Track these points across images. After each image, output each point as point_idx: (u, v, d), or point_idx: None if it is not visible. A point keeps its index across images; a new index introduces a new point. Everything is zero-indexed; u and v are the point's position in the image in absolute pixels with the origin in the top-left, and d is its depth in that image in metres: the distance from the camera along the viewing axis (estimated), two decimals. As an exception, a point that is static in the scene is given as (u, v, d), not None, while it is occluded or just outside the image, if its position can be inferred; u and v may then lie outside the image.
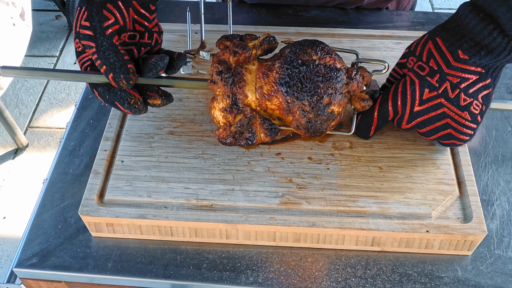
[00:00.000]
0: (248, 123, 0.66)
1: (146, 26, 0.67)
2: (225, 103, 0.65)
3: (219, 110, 0.66)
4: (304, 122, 0.65)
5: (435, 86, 0.64)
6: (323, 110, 0.64)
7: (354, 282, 0.64)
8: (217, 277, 0.65)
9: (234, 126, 0.66)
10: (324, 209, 0.66)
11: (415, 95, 0.65)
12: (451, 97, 0.64)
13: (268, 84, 0.65)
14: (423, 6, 2.74)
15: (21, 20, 1.62)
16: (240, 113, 0.66)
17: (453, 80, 0.63)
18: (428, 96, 0.65)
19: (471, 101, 0.64)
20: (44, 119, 2.23)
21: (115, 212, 0.65)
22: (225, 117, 0.66)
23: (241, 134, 0.67)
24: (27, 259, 0.67)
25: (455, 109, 0.64)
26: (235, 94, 0.65)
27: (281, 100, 0.65)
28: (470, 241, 0.64)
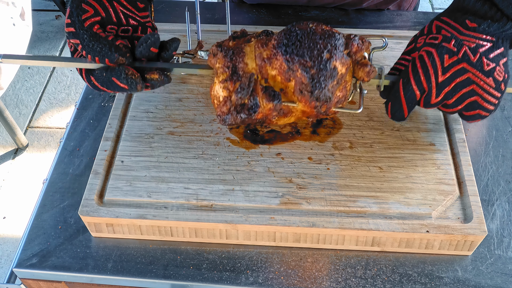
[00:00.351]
0: (248, 85, 0.63)
1: (139, 21, 0.67)
2: (225, 74, 0.63)
3: (219, 83, 0.64)
4: (307, 80, 0.62)
5: (453, 50, 0.62)
6: (325, 64, 0.61)
7: (354, 282, 0.64)
8: (217, 277, 0.65)
9: (235, 93, 0.63)
10: (324, 209, 0.65)
11: (436, 65, 0.63)
12: (473, 62, 0.62)
13: (268, 49, 0.63)
14: (423, 6, 2.74)
15: (21, 20, 1.62)
16: (240, 80, 0.63)
17: (470, 45, 0.62)
18: (450, 62, 0.63)
19: (494, 66, 0.62)
20: (44, 119, 2.23)
21: (115, 212, 0.65)
22: (226, 88, 0.63)
23: (242, 105, 0.63)
24: (27, 259, 0.67)
25: (479, 74, 0.62)
26: (235, 64, 0.63)
27: (281, 60, 0.62)
28: (470, 241, 0.64)
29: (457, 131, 0.73)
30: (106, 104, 0.85)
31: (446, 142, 0.72)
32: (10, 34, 1.57)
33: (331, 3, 1.00)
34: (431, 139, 0.73)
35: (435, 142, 0.72)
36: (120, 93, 0.79)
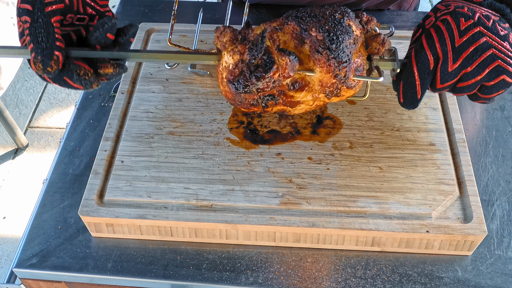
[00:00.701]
0: (261, 41, 0.57)
1: (98, 10, 0.64)
2: (236, 43, 0.59)
3: (228, 53, 0.59)
4: (322, 36, 0.58)
5: (468, 15, 0.60)
6: (340, 21, 0.59)
7: (354, 282, 0.64)
8: (217, 277, 0.65)
9: (248, 51, 0.57)
10: (324, 209, 0.65)
11: (452, 28, 0.60)
12: (489, 26, 0.60)
13: (278, 21, 0.61)
14: (423, 6, 2.74)
15: (21, 20, 1.62)
16: (251, 42, 0.59)
17: (482, 12, 0.61)
18: (466, 25, 0.60)
19: (508, 32, 0.60)
20: (44, 119, 2.23)
21: (115, 212, 0.65)
22: (236, 52, 0.58)
23: (256, 67, 0.58)
24: (27, 259, 0.67)
25: (496, 38, 0.60)
26: (244, 35, 0.59)
27: (293, 24, 0.60)
28: (470, 241, 0.64)
29: (457, 131, 0.73)
30: (106, 104, 0.85)
31: (446, 142, 0.72)
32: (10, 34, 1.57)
33: (330, 5, 1.00)
34: (431, 139, 0.73)
35: (435, 142, 0.72)
36: (119, 93, 0.79)
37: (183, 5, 1.01)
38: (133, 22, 0.98)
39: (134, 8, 1.03)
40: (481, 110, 0.83)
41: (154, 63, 0.70)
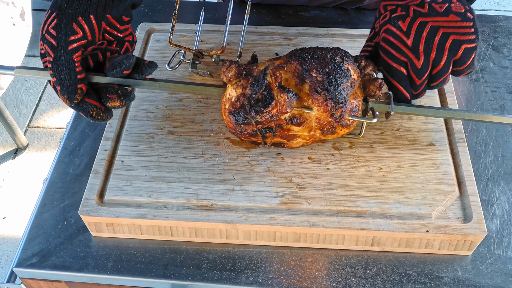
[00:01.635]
0: (263, 77, 0.63)
1: (116, 36, 0.66)
2: (240, 78, 0.64)
3: (231, 86, 0.64)
4: (322, 77, 0.63)
5: (403, 15, 0.65)
6: (339, 65, 0.64)
7: (354, 282, 0.64)
8: (217, 277, 0.65)
9: (250, 86, 0.62)
10: (324, 209, 0.66)
11: (397, 34, 0.65)
12: (425, 12, 0.64)
13: (281, 59, 0.65)
14: (423, 6, 2.74)
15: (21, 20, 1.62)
16: (253, 78, 0.64)
17: (415, 2, 0.65)
18: (406, 25, 0.64)
19: (447, 5, 0.64)
20: (44, 119, 2.23)
21: (115, 212, 0.65)
22: (239, 86, 0.63)
23: (256, 101, 0.63)
24: (27, 259, 0.67)
25: (438, 18, 0.64)
26: (248, 70, 0.64)
27: (295, 64, 0.64)
28: (470, 241, 0.64)
29: (457, 131, 0.73)
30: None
31: (446, 142, 0.73)
32: (10, 34, 1.57)
33: (331, 2, 1.00)
34: (431, 139, 0.73)
35: (435, 142, 0.72)
36: None
37: (183, 5, 1.02)
38: (133, 22, 0.98)
39: (134, 8, 1.03)
40: (481, 110, 0.83)
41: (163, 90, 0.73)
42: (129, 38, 0.68)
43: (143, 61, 0.67)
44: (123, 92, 0.65)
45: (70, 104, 0.63)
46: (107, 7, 0.64)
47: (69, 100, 0.63)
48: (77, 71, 0.62)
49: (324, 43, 0.87)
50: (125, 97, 0.65)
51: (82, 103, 0.64)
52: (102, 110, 0.65)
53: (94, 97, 0.65)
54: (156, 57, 0.85)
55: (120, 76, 0.64)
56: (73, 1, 0.62)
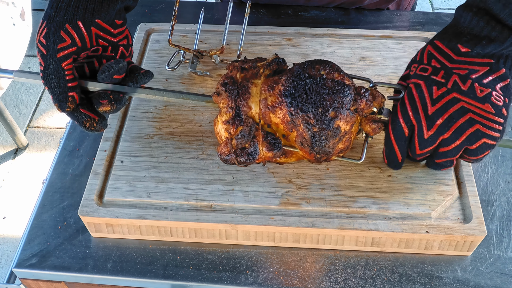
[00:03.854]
0: (249, 133, 0.63)
1: (110, 41, 0.66)
2: (228, 115, 0.63)
3: (221, 123, 0.64)
4: (308, 136, 0.61)
5: (442, 82, 0.60)
6: (328, 124, 0.60)
7: (353, 282, 0.64)
8: (216, 277, 0.65)
9: (236, 138, 0.63)
10: (324, 210, 0.65)
11: (424, 97, 0.60)
12: (464, 90, 0.59)
13: (273, 96, 0.62)
14: (423, 6, 2.74)
15: (21, 20, 1.63)
16: (242, 125, 0.63)
17: (461, 72, 0.60)
18: (439, 94, 0.60)
19: (489, 91, 0.59)
20: (44, 119, 2.23)
21: (115, 212, 0.65)
22: (227, 130, 0.64)
23: (242, 149, 0.64)
24: (27, 259, 0.67)
25: (473, 101, 0.59)
26: (239, 106, 0.63)
27: (285, 111, 0.62)
28: (469, 242, 0.64)
29: (456, 131, 0.73)
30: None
31: (445, 143, 0.72)
32: (10, 34, 1.57)
33: (330, 2, 1.00)
34: (431, 139, 0.73)
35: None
36: None
37: (183, 5, 1.01)
38: (133, 22, 0.98)
39: (134, 8, 1.02)
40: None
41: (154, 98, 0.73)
42: (123, 42, 0.68)
43: (139, 70, 0.66)
44: (115, 97, 0.65)
45: (62, 111, 0.63)
46: (96, 12, 0.63)
47: (60, 108, 0.63)
48: (67, 79, 0.62)
49: (324, 43, 0.87)
50: (116, 102, 0.65)
51: (76, 112, 0.64)
52: (96, 121, 0.65)
53: (89, 107, 0.65)
54: (156, 57, 0.85)
55: (112, 82, 0.64)
56: (60, 9, 0.62)
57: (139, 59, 0.85)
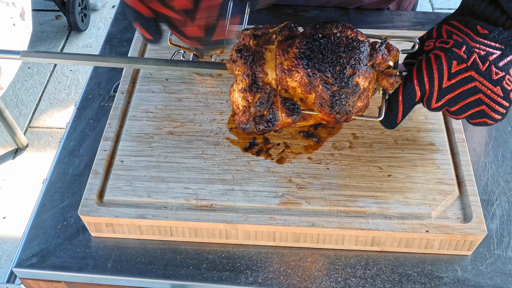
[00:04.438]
0: (267, 100, 0.62)
1: None
2: (245, 83, 0.62)
3: (238, 92, 0.63)
4: (328, 96, 0.60)
5: (463, 57, 0.61)
6: (347, 81, 0.59)
7: (354, 282, 0.64)
8: (216, 277, 0.65)
9: (254, 105, 0.62)
10: (324, 209, 0.65)
11: (443, 69, 0.61)
12: (482, 70, 0.60)
13: (288, 59, 0.61)
14: (423, 6, 2.74)
15: (21, 20, 1.62)
16: (260, 92, 0.62)
17: (480, 53, 0.61)
18: (457, 69, 0.61)
19: (503, 75, 0.60)
20: (44, 119, 2.23)
21: (115, 212, 0.65)
22: (245, 98, 0.62)
23: (261, 117, 0.63)
24: (27, 259, 0.67)
25: (487, 83, 0.60)
26: (255, 73, 0.62)
27: (302, 74, 0.60)
28: (470, 241, 0.64)
29: (457, 131, 0.73)
30: (106, 104, 0.85)
31: (446, 142, 0.72)
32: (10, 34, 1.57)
33: (330, 2, 1.00)
34: (431, 139, 0.73)
35: (435, 142, 0.72)
36: (119, 93, 0.79)
37: (183, 5, 1.01)
38: (133, 22, 0.98)
39: (134, 8, 1.03)
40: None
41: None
42: None
43: None
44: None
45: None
46: None
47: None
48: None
49: (324, 43, 0.87)
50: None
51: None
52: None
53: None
54: (156, 57, 0.85)
55: None
56: None
57: (139, 59, 0.85)
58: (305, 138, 0.69)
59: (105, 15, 2.76)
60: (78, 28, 2.57)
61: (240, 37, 0.65)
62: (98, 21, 2.72)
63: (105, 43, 0.96)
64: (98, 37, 2.62)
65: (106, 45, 0.95)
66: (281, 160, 0.70)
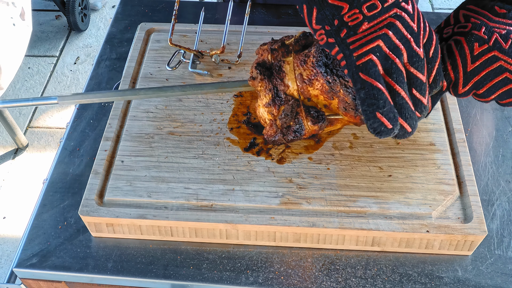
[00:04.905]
0: (291, 111, 0.63)
1: None
2: (268, 97, 0.63)
3: (263, 107, 0.64)
4: (350, 100, 0.61)
5: (484, 38, 0.60)
6: None
7: (354, 282, 0.64)
8: (217, 277, 0.65)
9: (279, 118, 0.63)
10: (324, 209, 0.65)
11: (465, 53, 0.60)
12: (505, 49, 0.59)
13: (307, 69, 0.62)
14: (423, 6, 2.74)
15: (21, 20, 1.62)
16: (283, 104, 0.63)
17: (500, 32, 0.60)
18: (480, 51, 0.60)
19: None
20: (44, 119, 2.23)
21: (115, 212, 0.65)
22: (270, 112, 0.63)
23: (288, 128, 0.64)
24: (27, 259, 0.67)
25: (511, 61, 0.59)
26: (276, 86, 0.63)
27: (322, 81, 0.61)
28: (470, 241, 0.64)
29: (457, 131, 0.73)
30: (106, 104, 0.85)
31: (446, 142, 0.72)
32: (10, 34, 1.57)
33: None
34: (431, 139, 0.73)
35: (435, 142, 0.72)
36: None
37: (183, 5, 1.01)
38: (133, 22, 0.98)
39: (134, 8, 1.03)
40: (481, 110, 0.83)
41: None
42: None
43: None
44: None
45: None
46: None
47: None
48: None
49: (324, 43, 0.87)
50: None
51: None
52: None
53: None
54: (156, 57, 0.85)
55: None
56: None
57: (139, 59, 0.85)
58: (306, 138, 0.69)
59: (105, 15, 2.76)
60: (78, 28, 2.57)
61: (258, 53, 0.66)
62: (98, 21, 2.72)
63: (105, 43, 0.96)
64: (98, 37, 2.62)
65: (106, 45, 0.95)
66: (282, 160, 0.70)
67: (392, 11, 0.52)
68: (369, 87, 0.52)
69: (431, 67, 0.56)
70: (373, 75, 0.52)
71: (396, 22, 0.52)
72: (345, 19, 0.53)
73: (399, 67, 0.53)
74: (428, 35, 0.55)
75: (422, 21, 0.54)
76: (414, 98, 0.55)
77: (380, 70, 0.52)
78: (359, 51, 0.52)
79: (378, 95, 0.52)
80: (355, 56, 0.52)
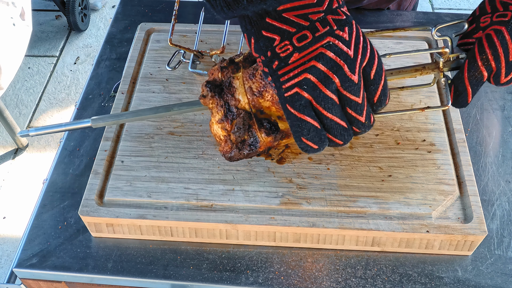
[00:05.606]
0: (243, 123, 0.63)
1: None
2: (220, 113, 0.63)
3: (216, 124, 0.64)
4: None
5: None
6: None
7: (354, 282, 0.64)
8: (217, 277, 0.65)
9: (233, 133, 0.63)
10: (324, 209, 0.65)
11: (507, 43, 0.59)
12: None
13: (256, 82, 0.62)
14: (423, 6, 2.74)
15: (21, 20, 1.63)
16: (235, 118, 0.63)
17: None
18: None
19: None
20: (44, 119, 2.23)
21: (115, 212, 0.65)
22: (223, 128, 0.63)
23: (243, 142, 0.64)
24: (27, 259, 0.67)
25: None
26: (227, 102, 0.63)
27: (271, 92, 0.61)
28: (470, 241, 0.64)
29: (457, 131, 0.73)
30: (106, 104, 0.85)
31: (446, 142, 0.72)
32: (10, 34, 1.57)
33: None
34: (431, 139, 0.73)
35: (435, 142, 0.72)
36: (119, 93, 0.79)
37: (183, 5, 1.01)
38: (133, 22, 0.98)
39: (134, 8, 1.03)
40: (481, 110, 0.83)
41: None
42: None
43: None
44: None
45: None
46: None
47: None
48: None
49: (324, 43, 0.87)
50: None
51: None
52: None
53: None
54: (156, 57, 0.85)
55: None
56: None
57: (139, 59, 0.85)
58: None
59: (105, 15, 2.76)
60: (78, 28, 2.57)
61: (209, 73, 0.66)
62: (98, 21, 2.72)
63: (105, 43, 0.96)
64: (98, 37, 2.62)
65: (106, 45, 0.95)
66: (282, 160, 0.70)
67: (325, 40, 0.52)
68: (294, 118, 0.54)
69: (375, 88, 0.55)
70: (298, 108, 0.53)
71: (326, 52, 0.52)
72: (277, 50, 0.53)
73: (327, 95, 0.53)
74: (368, 59, 0.54)
75: (362, 45, 0.53)
76: (350, 117, 0.55)
77: (307, 99, 0.53)
78: (287, 84, 0.53)
79: (302, 125, 0.54)
80: (284, 88, 0.53)
